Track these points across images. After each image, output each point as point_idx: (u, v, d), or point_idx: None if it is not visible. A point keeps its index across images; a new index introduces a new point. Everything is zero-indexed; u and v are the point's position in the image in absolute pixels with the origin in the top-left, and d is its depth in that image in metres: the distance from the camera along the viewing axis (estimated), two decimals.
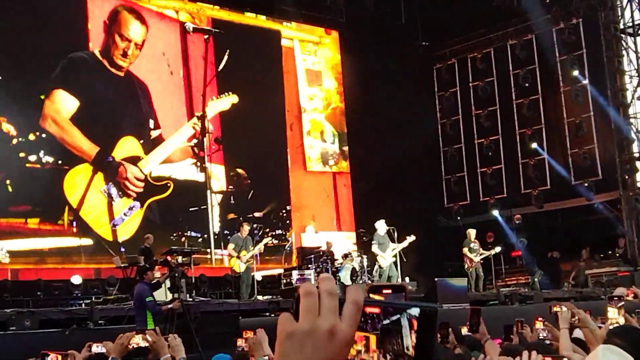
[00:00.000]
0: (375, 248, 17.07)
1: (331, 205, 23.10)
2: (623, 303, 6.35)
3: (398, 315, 1.26)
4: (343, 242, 20.71)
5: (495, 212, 22.64)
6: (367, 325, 1.27)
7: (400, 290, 1.61)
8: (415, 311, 1.25)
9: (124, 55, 18.77)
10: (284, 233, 21.09)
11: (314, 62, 23.63)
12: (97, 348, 5.02)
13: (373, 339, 1.27)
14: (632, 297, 5.48)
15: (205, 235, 17.45)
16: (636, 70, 21.50)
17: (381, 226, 17.12)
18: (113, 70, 18.66)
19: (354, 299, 1.22)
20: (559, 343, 5.18)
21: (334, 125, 23.54)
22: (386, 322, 1.26)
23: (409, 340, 1.24)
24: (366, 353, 1.28)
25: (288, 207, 21.58)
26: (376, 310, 1.27)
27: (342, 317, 1.21)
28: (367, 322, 1.26)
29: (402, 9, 23.88)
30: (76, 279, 15.95)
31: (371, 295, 1.56)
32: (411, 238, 16.99)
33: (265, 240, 15.75)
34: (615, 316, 5.21)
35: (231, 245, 15.92)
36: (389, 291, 1.59)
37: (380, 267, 17.10)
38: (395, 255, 16.95)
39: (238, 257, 15.69)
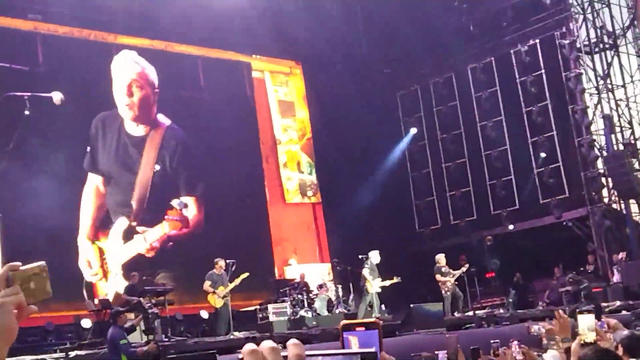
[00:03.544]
0: (366, 272, 17.07)
1: (312, 236, 23.07)
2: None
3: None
4: (324, 274, 20.68)
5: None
6: None
7: (374, 327, 1.61)
8: (357, 358, 1.31)
9: None
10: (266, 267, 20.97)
11: (285, 92, 23.74)
12: None
13: None
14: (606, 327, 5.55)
15: None
16: (595, 88, 21.86)
17: (374, 255, 17.19)
18: None
19: (297, 353, 1.25)
20: None
21: (309, 155, 23.58)
22: None
23: None
24: None
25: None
26: None
27: None
28: None
29: (362, 37, 24.14)
30: (49, 325, 15.77)
31: (344, 333, 1.58)
32: (396, 279, 17.10)
33: (242, 276, 15.68)
34: (585, 333, 5.24)
35: (207, 282, 15.84)
36: (363, 328, 1.60)
37: (366, 291, 17.09)
38: (380, 287, 17.03)
39: (214, 293, 15.62)
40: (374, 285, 16.94)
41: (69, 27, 19.22)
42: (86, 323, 15.51)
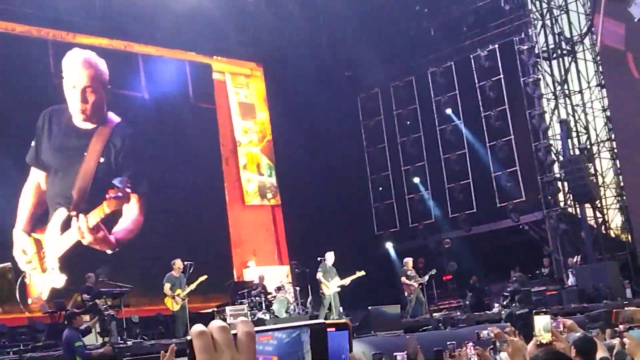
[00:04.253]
0: (319, 276, 17.06)
1: (271, 238, 23.01)
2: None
3: (298, 332, 1.31)
4: (283, 277, 20.62)
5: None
6: (267, 348, 1.30)
7: (344, 327, 1.62)
8: (306, 330, 1.32)
9: None
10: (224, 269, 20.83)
11: (246, 94, 23.66)
12: None
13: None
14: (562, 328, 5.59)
15: None
16: (553, 93, 22.16)
17: (330, 257, 17.17)
18: None
19: (246, 331, 1.24)
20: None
21: (269, 157, 23.53)
22: (287, 340, 1.31)
23: (309, 356, 1.31)
24: None
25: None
26: (268, 337, 1.31)
27: (239, 349, 1.22)
28: (267, 347, 1.30)
29: (323, 41, 24.18)
30: (2, 327, 15.51)
31: None
32: (360, 273, 17.08)
33: (200, 279, 15.58)
34: (541, 333, 5.26)
35: (167, 285, 15.70)
36: (333, 329, 1.60)
37: (322, 294, 17.08)
38: (339, 287, 17.00)
39: (173, 297, 15.49)
40: (331, 286, 16.93)
41: (28, 25, 18.98)
42: (40, 325, 15.29)
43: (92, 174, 18.77)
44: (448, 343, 8.45)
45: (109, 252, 18.28)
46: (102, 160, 18.98)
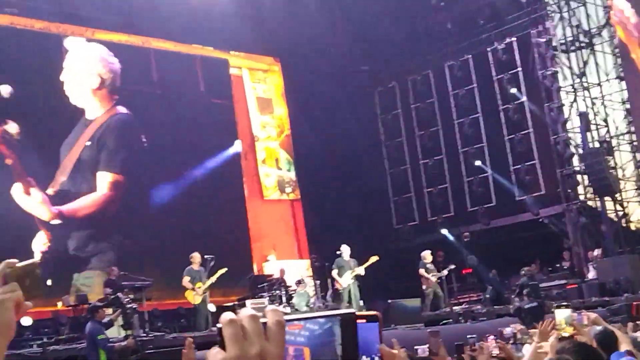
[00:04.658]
0: (334, 272, 17.15)
1: (291, 233, 23.08)
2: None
3: (330, 324, 1.33)
4: (303, 270, 20.68)
5: (445, 231, 22.95)
6: (298, 339, 1.32)
7: (374, 319, 1.65)
8: (337, 321, 1.33)
9: None
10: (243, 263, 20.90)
11: (264, 89, 23.72)
12: None
13: (306, 351, 1.32)
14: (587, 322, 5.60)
15: None
16: (571, 86, 22.06)
17: (345, 250, 17.25)
18: None
19: (276, 320, 1.24)
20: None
21: (288, 152, 23.60)
22: (319, 332, 1.32)
23: (340, 345, 1.32)
24: None
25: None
26: (299, 327, 1.32)
27: (268, 338, 1.22)
28: (298, 337, 1.32)
29: (341, 35, 24.17)
30: (26, 321, 15.66)
31: None
32: (374, 258, 17.13)
33: (220, 272, 15.69)
34: (563, 327, 5.28)
35: (186, 278, 15.82)
36: (363, 321, 1.62)
37: (337, 289, 17.16)
38: (353, 278, 17.06)
39: (193, 289, 15.61)
40: (343, 281, 16.99)
41: (46, 21, 19.10)
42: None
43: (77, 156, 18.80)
44: (468, 337, 8.49)
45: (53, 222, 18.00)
46: (88, 144, 18.90)
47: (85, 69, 19.22)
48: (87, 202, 18.52)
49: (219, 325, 1.24)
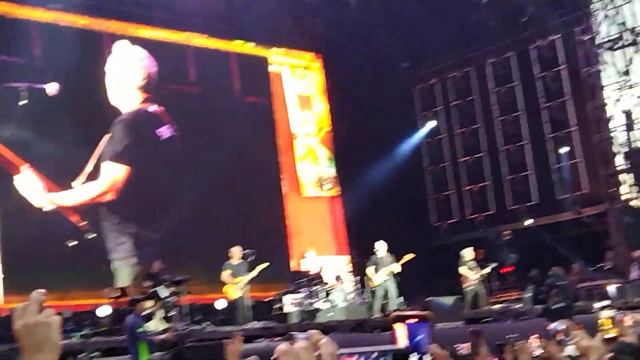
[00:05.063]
0: (368, 269, 17.13)
1: (329, 229, 23.08)
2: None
3: (383, 357, 1.35)
4: (342, 266, 20.68)
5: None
6: None
7: (426, 319, 1.66)
8: (390, 355, 1.35)
9: None
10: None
11: (305, 86, 23.75)
12: None
13: None
14: (631, 322, 5.51)
15: None
16: (616, 84, 21.73)
17: (380, 247, 17.21)
18: None
19: (330, 352, 1.30)
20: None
21: (328, 148, 23.61)
22: None
23: None
24: None
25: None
26: (353, 359, 1.35)
27: None
28: None
29: (381, 31, 24.08)
30: (66, 313, 15.87)
31: (395, 325, 1.62)
32: (409, 256, 17.07)
33: (262, 266, 15.76)
34: (607, 328, 5.21)
35: (226, 272, 15.90)
36: (415, 320, 1.65)
37: (372, 287, 17.14)
38: (389, 275, 17.00)
39: (233, 284, 15.69)
40: (377, 278, 16.95)
41: (90, 17, 19.29)
42: (104, 311, 15.59)
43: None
44: (509, 336, 8.39)
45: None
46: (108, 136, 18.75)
47: (125, 72, 19.31)
48: (87, 191, 18.40)
49: (274, 356, 1.30)
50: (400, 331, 1.35)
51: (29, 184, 17.10)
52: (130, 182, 18.64)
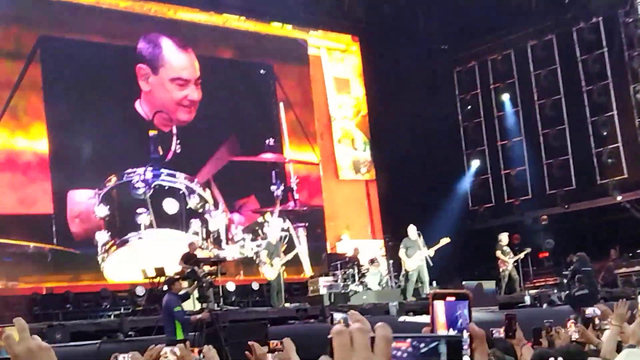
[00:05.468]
0: (401, 253, 17.07)
1: (365, 213, 23.05)
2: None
3: (436, 343, 1.37)
4: (377, 250, 20.66)
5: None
6: (403, 355, 1.36)
7: (464, 297, 1.66)
8: (444, 341, 1.38)
9: None
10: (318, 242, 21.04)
11: (342, 69, 23.69)
12: (123, 359, 4.98)
13: None
14: None
15: None
16: None
17: (412, 231, 17.14)
18: None
19: (383, 335, 1.32)
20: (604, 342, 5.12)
21: (364, 132, 23.56)
22: (424, 350, 1.37)
23: None
24: None
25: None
26: (405, 344, 1.37)
27: (375, 352, 1.30)
28: (403, 353, 1.36)
29: (420, 14, 23.89)
30: (104, 292, 16.10)
31: (434, 301, 1.65)
32: (445, 240, 16.97)
33: (297, 249, 15.83)
34: None
35: (264, 252, 15.98)
36: (453, 298, 1.65)
37: (406, 271, 17.08)
38: (423, 259, 16.92)
39: (271, 264, 15.76)
40: (411, 262, 16.86)
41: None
42: (140, 290, 15.77)
43: None
44: (545, 321, 8.30)
45: None
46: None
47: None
48: None
49: (330, 335, 1.32)
50: (440, 307, 1.36)
51: None
52: None
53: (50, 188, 17.13)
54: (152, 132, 18.41)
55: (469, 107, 24.60)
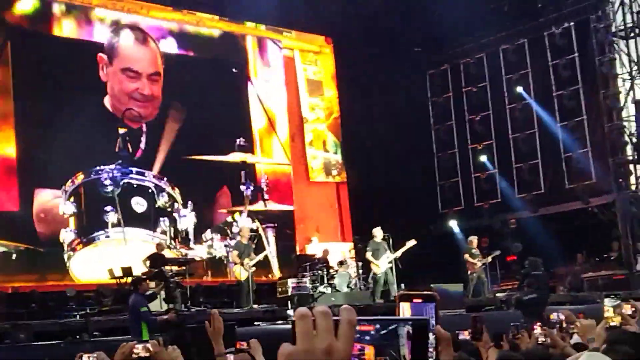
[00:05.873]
0: (368, 255, 17.04)
1: (335, 215, 23.03)
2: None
3: (395, 325, 1.35)
4: (346, 252, 20.63)
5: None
6: (364, 337, 1.34)
7: (432, 299, 1.64)
8: (407, 324, 1.36)
9: None
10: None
11: (315, 71, 23.64)
12: (88, 359, 4.90)
13: (371, 350, 1.34)
14: (631, 311, 5.46)
15: None
16: (629, 74, 21.51)
17: (378, 233, 17.10)
18: None
19: (348, 319, 1.28)
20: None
21: (335, 135, 23.52)
22: (384, 332, 1.35)
23: (406, 349, 1.34)
24: None
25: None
26: (370, 328, 1.35)
27: (338, 336, 1.26)
28: (364, 336, 1.34)
29: (394, 17, 23.89)
30: (70, 291, 15.89)
31: (401, 303, 1.63)
32: (411, 242, 16.94)
33: (266, 250, 15.74)
34: (611, 315, 5.17)
35: (235, 252, 15.87)
36: (420, 300, 1.64)
37: (374, 274, 17.07)
38: (391, 262, 16.90)
39: (241, 264, 15.65)
40: (381, 264, 16.85)
41: None
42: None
43: None
44: (511, 324, 8.31)
45: None
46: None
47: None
48: None
49: (291, 319, 1.34)
50: (406, 309, 1.35)
51: None
52: None
53: (16, 186, 16.89)
54: (121, 130, 18.24)
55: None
